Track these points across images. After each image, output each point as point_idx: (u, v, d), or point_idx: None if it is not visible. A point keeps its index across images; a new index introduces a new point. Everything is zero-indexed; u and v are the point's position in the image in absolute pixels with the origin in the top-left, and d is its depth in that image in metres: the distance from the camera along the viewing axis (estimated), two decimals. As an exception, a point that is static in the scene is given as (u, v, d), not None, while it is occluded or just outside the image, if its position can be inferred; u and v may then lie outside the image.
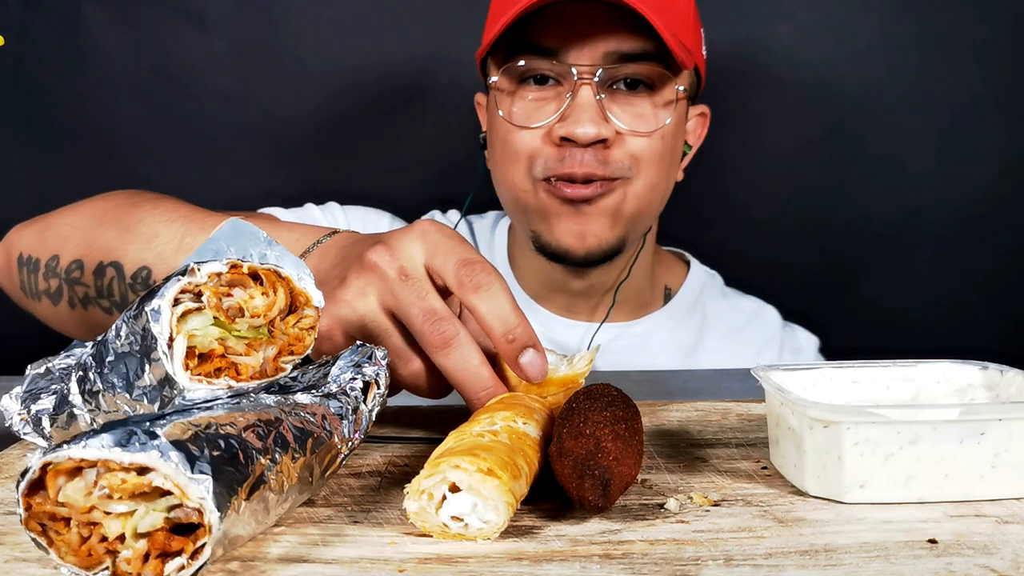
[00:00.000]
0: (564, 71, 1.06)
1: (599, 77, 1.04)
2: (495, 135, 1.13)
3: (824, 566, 0.50)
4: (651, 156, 1.09)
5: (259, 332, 0.60)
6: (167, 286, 0.57)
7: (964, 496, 0.59)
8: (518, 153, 1.09)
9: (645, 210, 1.12)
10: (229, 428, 0.51)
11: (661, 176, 1.11)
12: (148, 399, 0.60)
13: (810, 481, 0.60)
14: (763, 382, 0.65)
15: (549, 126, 1.07)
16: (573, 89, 1.05)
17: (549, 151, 1.07)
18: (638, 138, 1.07)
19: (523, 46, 1.08)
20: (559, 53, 1.06)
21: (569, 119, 1.05)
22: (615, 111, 1.06)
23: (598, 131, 1.04)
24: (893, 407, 0.62)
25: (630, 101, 1.08)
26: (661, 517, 0.58)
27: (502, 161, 1.13)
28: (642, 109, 1.08)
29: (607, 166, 1.07)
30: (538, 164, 1.08)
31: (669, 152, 1.11)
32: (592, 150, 1.06)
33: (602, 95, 1.05)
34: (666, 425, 0.79)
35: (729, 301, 1.32)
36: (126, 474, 0.45)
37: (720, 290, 1.33)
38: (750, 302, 1.34)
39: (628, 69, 1.06)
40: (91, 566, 0.47)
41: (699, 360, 1.25)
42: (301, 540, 0.55)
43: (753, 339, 1.29)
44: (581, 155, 1.05)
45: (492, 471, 0.54)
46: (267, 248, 0.67)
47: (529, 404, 0.66)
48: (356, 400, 0.63)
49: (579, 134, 1.04)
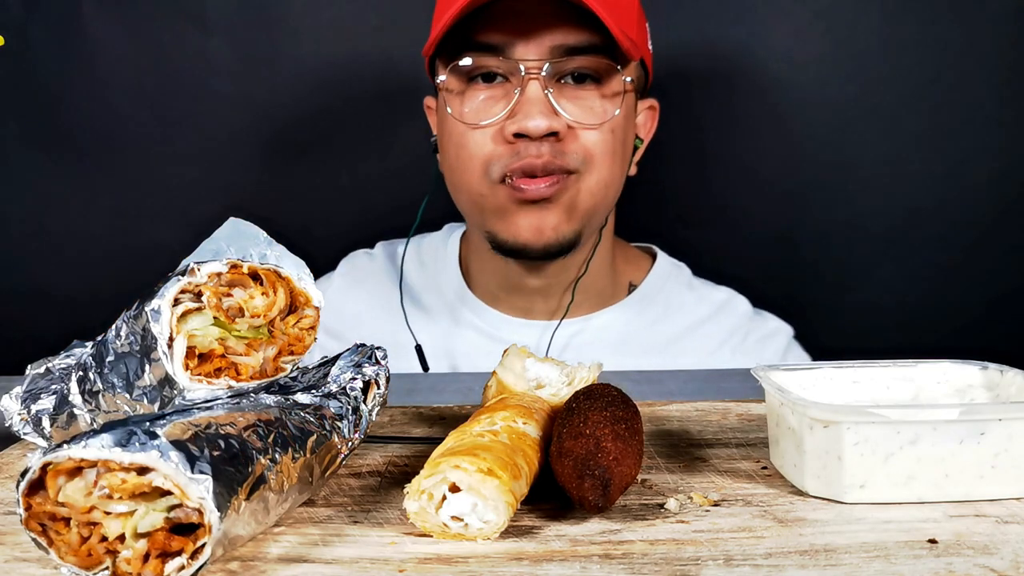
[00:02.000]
0: (511, 67, 1.06)
1: (546, 71, 1.05)
2: (447, 138, 1.14)
3: (824, 566, 0.50)
4: (603, 151, 1.10)
5: (259, 332, 0.60)
6: (167, 286, 0.57)
7: (964, 496, 0.59)
8: (472, 157, 1.10)
9: (600, 204, 1.13)
10: (229, 428, 0.51)
11: (613, 170, 1.12)
12: (148, 399, 0.60)
13: (810, 481, 0.60)
14: (763, 382, 0.65)
15: (500, 124, 1.07)
16: (521, 85, 1.06)
17: (503, 151, 1.08)
18: (589, 132, 1.09)
19: (469, 44, 1.07)
20: (505, 49, 1.06)
21: (519, 114, 1.06)
22: (564, 104, 1.07)
23: (549, 124, 1.05)
24: (893, 407, 0.62)
25: (578, 94, 1.09)
26: (661, 517, 0.58)
27: (457, 165, 1.13)
28: (591, 102, 1.09)
29: (564, 156, 1.08)
30: (494, 167, 1.09)
31: (620, 146, 1.13)
32: (547, 143, 1.07)
33: (550, 89, 1.06)
34: (666, 425, 0.79)
35: (696, 292, 1.31)
36: (126, 474, 0.45)
37: (687, 282, 1.32)
38: (719, 292, 1.32)
39: (575, 63, 1.07)
40: (91, 566, 0.47)
41: (660, 351, 1.24)
42: (301, 540, 0.55)
43: (717, 330, 1.28)
44: (537, 147, 1.06)
45: (492, 471, 0.54)
46: (267, 248, 0.66)
47: (529, 404, 0.66)
48: (356, 400, 0.63)
49: (531, 128, 1.04)
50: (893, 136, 1.49)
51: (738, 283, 1.35)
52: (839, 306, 1.53)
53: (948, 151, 1.49)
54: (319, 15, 1.47)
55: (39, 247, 1.52)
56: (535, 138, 1.06)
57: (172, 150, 1.50)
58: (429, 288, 1.28)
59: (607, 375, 0.80)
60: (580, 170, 1.09)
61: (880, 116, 1.48)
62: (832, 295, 1.53)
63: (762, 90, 1.49)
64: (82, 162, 1.50)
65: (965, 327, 1.51)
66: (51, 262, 1.52)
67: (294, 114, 1.50)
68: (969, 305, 1.52)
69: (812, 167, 1.51)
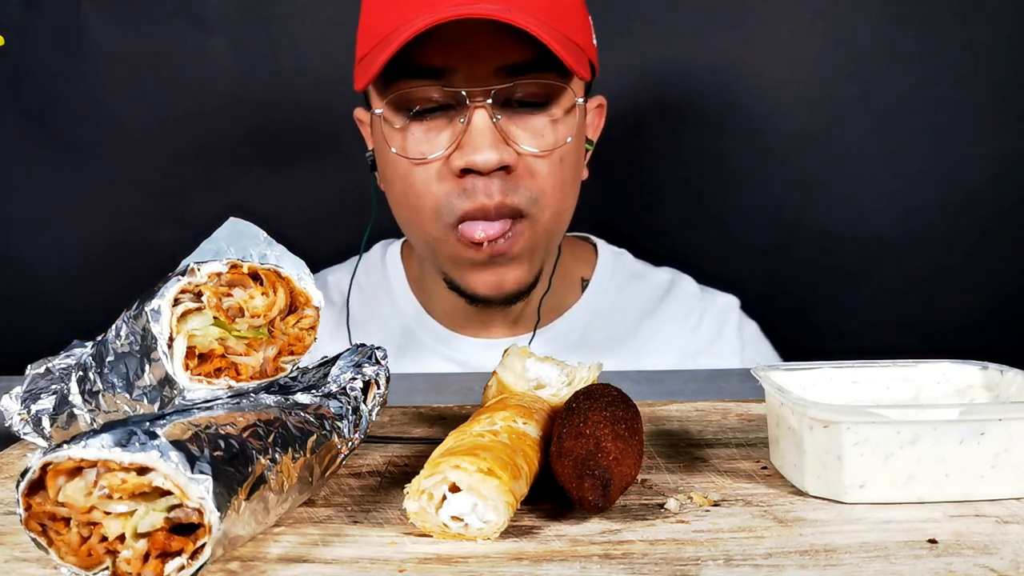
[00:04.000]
0: (454, 95, 0.98)
1: (492, 98, 0.97)
2: (391, 172, 1.06)
3: (824, 566, 0.50)
4: (554, 184, 1.03)
5: (259, 332, 0.60)
6: (167, 286, 0.57)
7: (964, 496, 0.59)
8: (421, 197, 1.02)
9: (555, 235, 1.09)
10: (229, 428, 0.51)
11: (566, 202, 1.07)
12: (148, 399, 0.60)
13: (810, 481, 0.60)
14: (763, 382, 0.65)
15: (446, 157, 1.00)
16: (467, 114, 0.98)
17: (451, 188, 1.01)
18: (542, 163, 1.01)
19: (407, 69, 0.98)
20: (446, 74, 0.98)
21: (467, 147, 0.98)
22: (513, 131, 0.99)
23: (500, 157, 0.97)
24: (893, 407, 0.62)
25: (528, 120, 1.01)
26: (661, 517, 0.58)
27: (405, 203, 1.06)
28: (541, 128, 1.01)
29: (516, 194, 1.01)
30: (444, 212, 1.02)
31: (572, 171, 1.06)
32: (497, 178, 0.99)
33: (498, 116, 0.98)
34: (666, 425, 0.79)
35: (642, 280, 1.27)
36: (126, 474, 0.45)
37: (631, 270, 1.28)
38: (663, 273, 1.28)
39: (522, 88, 1.00)
40: (91, 566, 0.47)
41: (620, 344, 1.21)
42: (301, 540, 0.55)
43: (671, 315, 1.24)
44: (486, 185, 0.99)
45: (492, 471, 0.54)
46: (267, 248, 0.66)
47: (529, 404, 0.66)
48: (356, 400, 0.63)
49: (479, 163, 0.97)
50: (893, 136, 1.49)
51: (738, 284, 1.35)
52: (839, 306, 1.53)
53: (948, 152, 1.49)
54: (319, 15, 1.47)
55: (39, 247, 1.52)
56: (484, 173, 0.98)
57: (172, 150, 1.51)
58: (373, 317, 1.22)
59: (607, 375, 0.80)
60: (532, 213, 1.02)
61: (880, 116, 1.48)
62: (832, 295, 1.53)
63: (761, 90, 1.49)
64: (82, 162, 1.50)
65: (965, 327, 1.51)
66: (51, 262, 1.52)
67: (294, 114, 1.50)
68: (969, 305, 1.52)
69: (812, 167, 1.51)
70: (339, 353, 0.67)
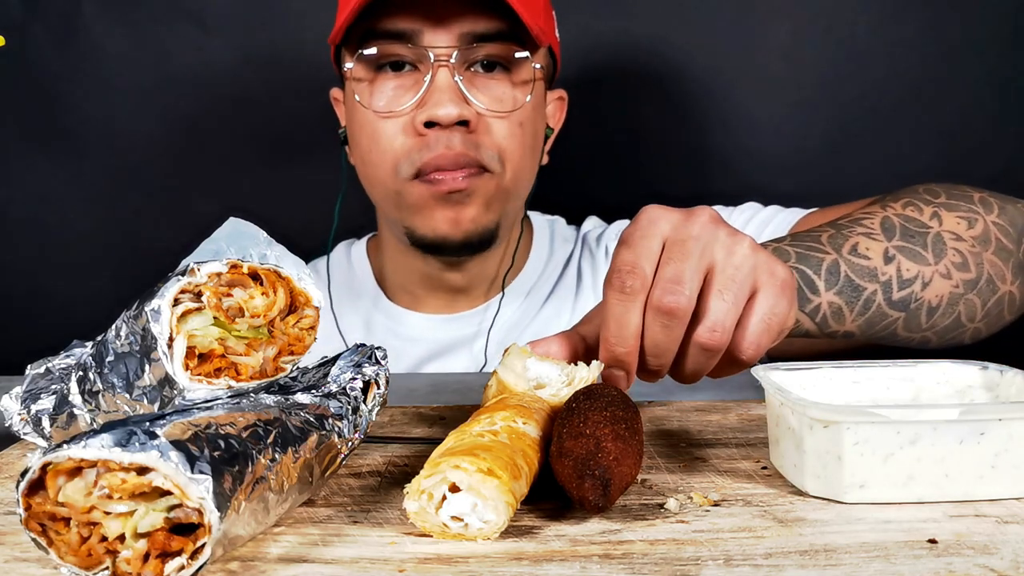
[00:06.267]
0: (420, 55, 1.06)
1: (455, 59, 1.05)
2: (358, 130, 1.12)
3: (824, 566, 0.50)
4: (515, 145, 1.10)
5: (259, 332, 0.60)
6: (167, 286, 0.57)
7: (964, 496, 0.59)
8: (384, 151, 1.09)
9: (515, 196, 1.14)
10: (229, 428, 0.51)
11: (525, 164, 1.13)
12: (148, 399, 0.60)
13: (810, 481, 0.60)
14: (763, 382, 0.65)
15: (410, 113, 1.07)
16: (431, 72, 1.05)
17: (413, 143, 1.07)
18: (500, 124, 1.08)
19: (376, 32, 1.07)
20: (414, 37, 1.05)
21: (429, 103, 1.05)
22: (474, 92, 1.07)
23: (460, 111, 1.04)
24: (893, 407, 0.62)
25: (488, 83, 1.08)
26: (661, 517, 0.58)
27: (369, 159, 1.12)
28: (501, 90, 1.09)
29: (478, 150, 1.07)
30: (404, 164, 1.08)
31: (531, 138, 1.13)
32: (458, 133, 1.06)
33: (460, 77, 1.06)
34: (666, 425, 0.79)
35: (562, 234, 1.31)
36: (126, 474, 0.45)
37: (563, 233, 1.31)
38: (555, 222, 1.32)
39: (484, 50, 1.07)
40: (91, 566, 0.47)
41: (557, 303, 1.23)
42: (301, 540, 0.55)
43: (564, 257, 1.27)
44: (448, 137, 1.06)
45: (492, 471, 0.54)
46: (267, 248, 0.66)
47: (529, 404, 0.66)
48: (356, 400, 0.63)
49: (441, 115, 1.04)
50: (893, 136, 1.49)
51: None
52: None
53: (948, 151, 1.49)
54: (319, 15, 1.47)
55: (39, 247, 1.52)
56: (446, 126, 1.05)
57: (172, 150, 1.51)
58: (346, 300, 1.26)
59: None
60: (493, 168, 1.09)
61: (880, 116, 1.48)
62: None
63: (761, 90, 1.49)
64: (82, 162, 1.50)
65: (965, 327, 1.50)
66: (51, 262, 1.52)
67: (294, 114, 1.50)
68: (969, 305, 1.51)
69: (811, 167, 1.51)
70: (339, 353, 0.67)
